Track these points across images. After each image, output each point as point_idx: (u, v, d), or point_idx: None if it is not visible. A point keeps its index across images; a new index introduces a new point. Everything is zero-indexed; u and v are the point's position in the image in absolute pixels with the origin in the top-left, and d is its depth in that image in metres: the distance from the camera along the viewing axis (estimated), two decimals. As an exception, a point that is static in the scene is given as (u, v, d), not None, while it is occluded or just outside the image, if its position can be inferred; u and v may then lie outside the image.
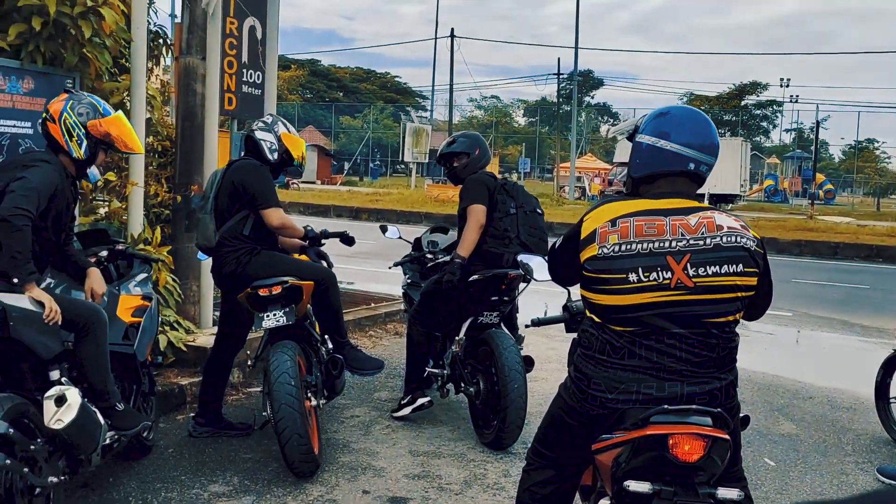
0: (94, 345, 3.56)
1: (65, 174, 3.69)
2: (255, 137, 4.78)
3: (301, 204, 25.00)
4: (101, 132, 3.75)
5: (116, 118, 3.82)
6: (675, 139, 2.65)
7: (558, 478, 2.90)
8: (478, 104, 71.40)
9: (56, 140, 3.70)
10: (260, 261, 4.56)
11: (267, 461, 4.58)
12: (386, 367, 6.37)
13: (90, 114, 3.74)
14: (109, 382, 3.69)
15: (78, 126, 3.69)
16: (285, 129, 4.87)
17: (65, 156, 3.72)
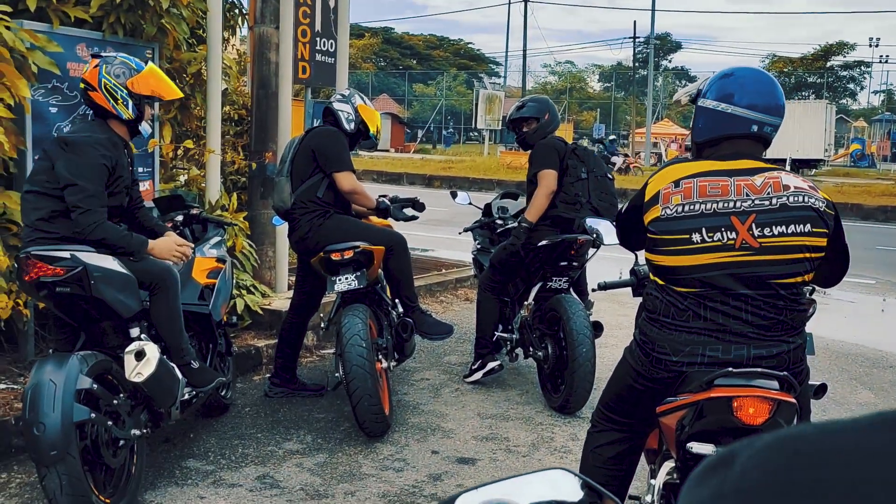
0: (165, 302, 3.67)
1: (117, 140, 3.71)
2: (334, 108, 4.88)
3: (374, 172, 25.20)
4: (142, 88, 3.75)
5: (150, 70, 3.82)
6: (739, 101, 2.61)
7: (624, 440, 2.92)
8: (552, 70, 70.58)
9: (102, 107, 3.69)
10: (332, 224, 4.65)
11: (339, 421, 4.71)
12: (456, 332, 6.44)
13: (126, 73, 3.72)
14: (183, 339, 3.81)
15: (119, 88, 3.68)
16: (362, 101, 4.96)
17: (114, 119, 3.73)
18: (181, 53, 5.55)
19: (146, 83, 3.76)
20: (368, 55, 60.72)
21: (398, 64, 65.31)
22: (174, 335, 3.75)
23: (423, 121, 53.29)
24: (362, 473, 4.05)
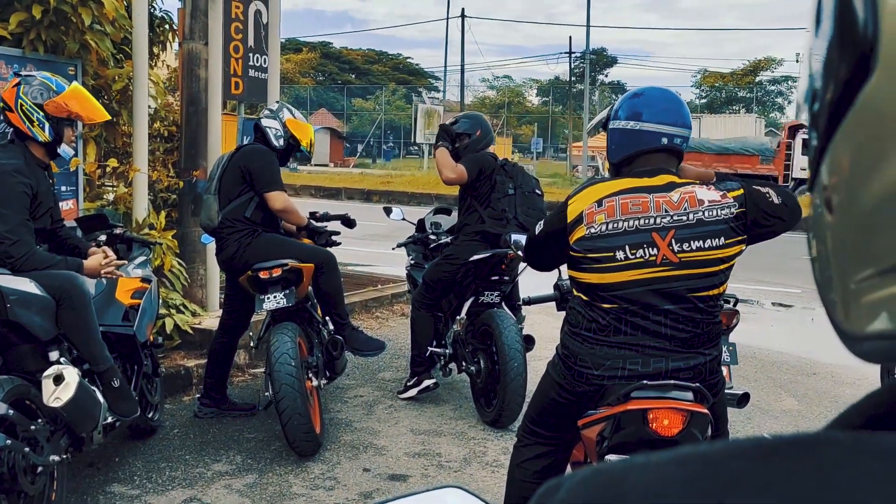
0: (72, 312, 3.55)
1: (36, 164, 3.64)
2: (262, 125, 4.84)
3: (313, 187, 25.07)
4: (60, 109, 3.66)
5: (73, 91, 3.74)
6: (648, 118, 2.68)
7: (549, 454, 2.95)
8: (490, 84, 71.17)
9: (19, 128, 3.62)
10: (260, 243, 4.62)
11: (270, 440, 4.66)
12: (391, 348, 6.44)
13: (44, 94, 3.64)
14: (97, 348, 3.68)
15: (35, 109, 3.60)
16: (291, 115, 4.89)
17: (32, 142, 3.65)
18: (106, 70, 5.47)
19: (63, 105, 3.67)
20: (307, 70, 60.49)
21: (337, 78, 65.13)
22: (85, 344, 3.62)
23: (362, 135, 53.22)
24: (292, 493, 4.02)
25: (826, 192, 0.45)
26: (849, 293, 0.43)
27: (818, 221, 0.47)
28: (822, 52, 0.44)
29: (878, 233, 0.40)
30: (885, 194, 0.39)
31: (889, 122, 0.38)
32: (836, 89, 0.42)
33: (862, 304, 0.42)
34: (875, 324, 0.41)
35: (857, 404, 0.46)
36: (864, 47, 0.38)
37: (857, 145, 0.41)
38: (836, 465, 0.33)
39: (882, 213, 0.39)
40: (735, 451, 0.36)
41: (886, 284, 0.40)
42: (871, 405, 0.46)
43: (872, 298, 0.41)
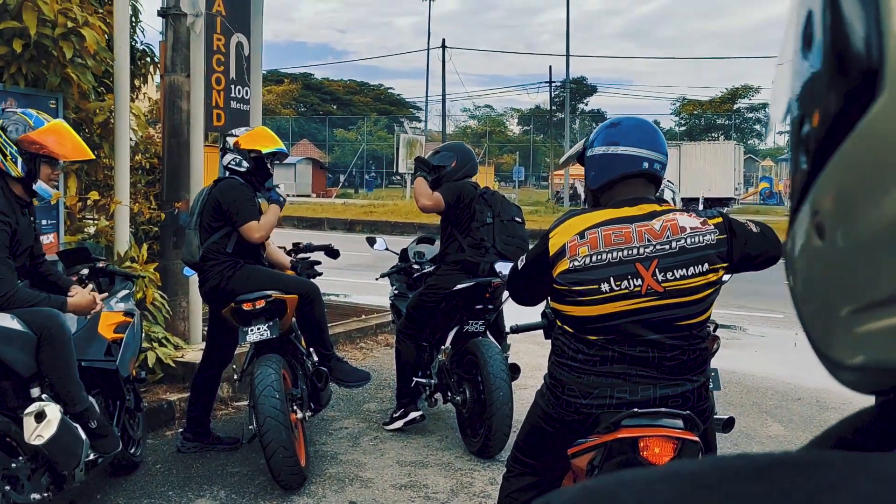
0: (51, 350, 3.49)
1: (14, 200, 3.60)
2: (225, 165, 4.81)
3: (295, 217, 25.02)
4: (34, 145, 3.60)
5: (53, 127, 3.69)
6: (625, 143, 2.69)
7: (538, 484, 2.92)
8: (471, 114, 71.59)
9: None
10: (243, 275, 4.59)
11: (254, 475, 4.60)
12: (376, 379, 6.40)
13: (20, 129, 3.59)
14: (74, 388, 3.61)
15: (8, 144, 3.56)
16: (238, 135, 4.82)
17: (10, 178, 3.61)
18: (87, 103, 5.46)
19: (37, 141, 3.61)
20: (288, 101, 60.61)
21: (318, 109, 65.33)
22: (63, 384, 3.54)
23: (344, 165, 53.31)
24: (278, 528, 3.96)
25: (817, 217, 0.44)
26: (838, 322, 0.43)
27: (805, 248, 0.46)
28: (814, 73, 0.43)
29: (877, 262, 0.39)
30: (889, 223, 0.38)
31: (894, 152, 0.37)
32: (834, 112, 0.41)
33: (854, 333, 0.41)
34: (866, 354, 0.41)
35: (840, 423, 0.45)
36: (868, 69, 0.37)
37: (858, 171, 0.40)
38: (833, 489, 0.32)
39: (883, 242, 0.38)
40: (727, 470, 0.35)
41: (883, 316, 0.39)
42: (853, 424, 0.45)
43: (866, 329, 0.40)
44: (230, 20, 7.31)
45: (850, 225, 0.41)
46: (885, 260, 0.38)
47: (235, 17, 7.35)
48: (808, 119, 0.44)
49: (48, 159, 3.68)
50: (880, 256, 0.39)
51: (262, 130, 4.94)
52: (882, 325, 0.39)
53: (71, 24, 4.89)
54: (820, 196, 0.44)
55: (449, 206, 5.08)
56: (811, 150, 0.44)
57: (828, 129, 0.41)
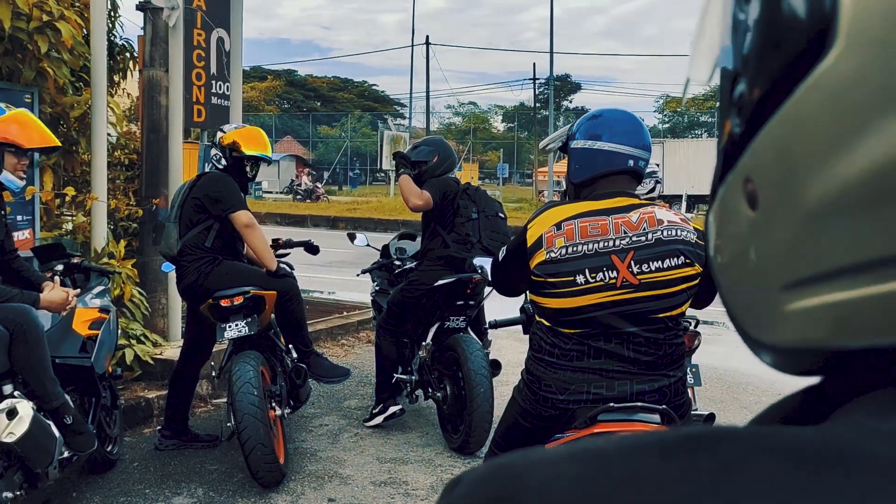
0: (24, 347, 3.45)
1: None
2: (209, 160, 4.78)
3: (278, 214, 24.93)
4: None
5: (14, 116, 3.61)
6: (609, 139, 2.67)
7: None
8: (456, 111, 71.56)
9: None
10: (221, 271, 4.55)
11: (233, 472, 4.57)
12: (357, 375, 6.38)
13: None
14: (48, 384, 3.56)
15: None
16: (223, 132, 4.80)
17: None
18: (63, 98, 5.40)
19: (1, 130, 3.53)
20: (272, 97, 60.39)
21: (302, 106, 65.14)
22: (36, 380, 3.49)
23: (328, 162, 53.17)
24: (256, 526, 3.93)
25: (749, 185, 0.41)
26: (766, 299, 0.40)
27: (732, 220, 0.43)
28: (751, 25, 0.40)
29: (820, 234, 0.36)
30: (836, 190, 0.35)
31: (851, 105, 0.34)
32: (777, 70, 0.38)
33: (782, 312, 0.39)
34: (794, 334, 0.38)
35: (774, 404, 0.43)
36: (821, 24, 0.35)
37: (803, 132, 0.37)
38: (733, 467, 0.31)
39: (830, 211, 0.36)
40: (632, 448, 0.34)
41: (817, 293, 0.37)
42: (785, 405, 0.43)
43: (796, 307, 0.38)
44: (210, 15, 7.25)
45: (789, 193, 0.38)
46: (829, 231, 0.36)
47: (216, 12, 7.30)
48: (742, 77, 0.41)
49: (13, 149, 3.59)
50: (824, 227, 0.36)
51: (254, 131, 4.85)
52: (814, 302, 0.37)
53: (46, 17, 4.83)
54: (754, 162, 0.40)
55: (435, 204, 5.06)
56: (745, 112, 0.41)
57: (770, 88, 0.38)
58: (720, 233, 0.46)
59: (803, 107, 0.36)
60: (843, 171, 0.34)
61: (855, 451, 0.30)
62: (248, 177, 4.80)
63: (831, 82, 0.35)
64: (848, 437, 0.32)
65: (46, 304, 3.62)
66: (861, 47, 0.33)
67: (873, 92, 0.33)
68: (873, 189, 0.33)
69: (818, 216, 0.36)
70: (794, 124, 0.37)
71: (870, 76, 0.33)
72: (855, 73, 0.33)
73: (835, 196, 0.35)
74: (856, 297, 0.35)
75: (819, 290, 0.36)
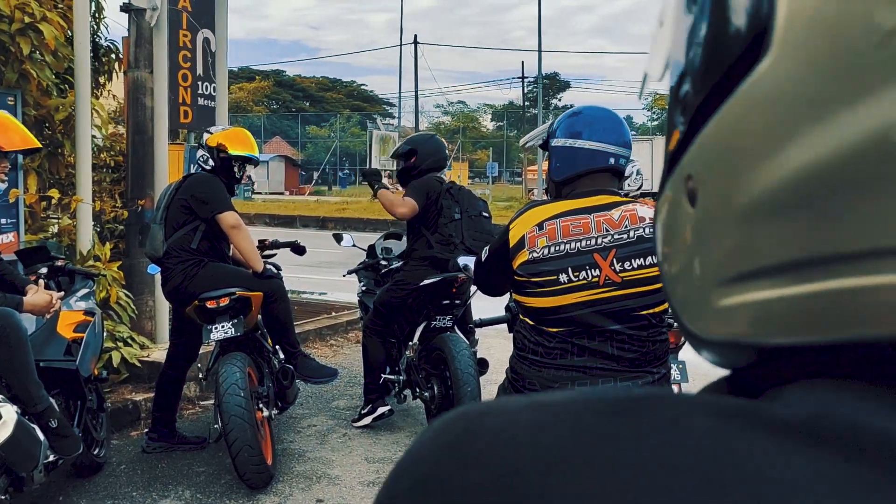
0: (7, 350, 3.43)
1: None
2: (196, 161, 4.78)
3: (267, 215, 24.89)
4: None
5: None
6: (590, 137, 2.66)
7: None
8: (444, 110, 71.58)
9: None
10: (207, 273, 4.54)
11: (220, 474, 4.56)
12: (345, 376, 6.38)
13: None
14: (33, 388, 3.53)
15: None
16: (210, 133, 4.81)
17: None
18: (48, 100, 5.38)
19: None
20: (260, 98, 60.30)
21: (291, 106, 65.04)
22: (19, 383, 3.46)
23: (317, 163, 53.12)
24: (243, 528, 3.93)
25: (690, 182, 0.41)
26: (703, 294, 0.41)
27: (675, 215, 0.44)
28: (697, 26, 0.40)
29: (750, 233, 0.37)
30: (764, 194, 0.36)
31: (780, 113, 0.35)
32: (716, 71, 0.38)
33: (717, 306, 0.40)
34: (727, 329, 0.39)
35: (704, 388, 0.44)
36: (757, 27, 0.35)
37: (738, 135, 0.37)
38: (670, 425, 0.32)
39: (759, 211, 0.36)
40: (587, 403, 0.35)
41: (747, 289, 0.37)
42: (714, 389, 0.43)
43: (728, 303, 0.39)
44: (196, 16, 7.23)
45: (725, 192, 0.38)
46: (757, 232, 0.37)
47: (201, 13, 7.28)
48: (688, 76, 0.42)
49: None
50: (754, 226, 0.37)
51: (240, 132, 4.87)
52: (745, 299, 0.37)
53: (28, 19, 4.81)
54: (694, 160, 0.41)
55: (420, 207, 5.04)
56: (689, 111, 0.42)
57: (710, 90, 0.39)
58: (664, 228, 0.47)
59: (738, 111, 0.37)
60: (770, 176, 0.35)
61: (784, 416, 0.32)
62: (236, 177, 4.80)
63: (764, 89, 0.35)
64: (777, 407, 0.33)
65: (30, 308, 3.60)
66: (793, 56, 0.34)
67: (802, 102, 0.33)
68: (797, 195, 0.34)
69: (747, 217, 0.37)
70: (729, 127, 0.38)
71: (800, 86, 0.33)
72: (786, 81, 0.34)
73: (762, 199, 0.36)
74: (778, 297, 0.35)
75: (746, 288, 0.37)
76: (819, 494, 0.27)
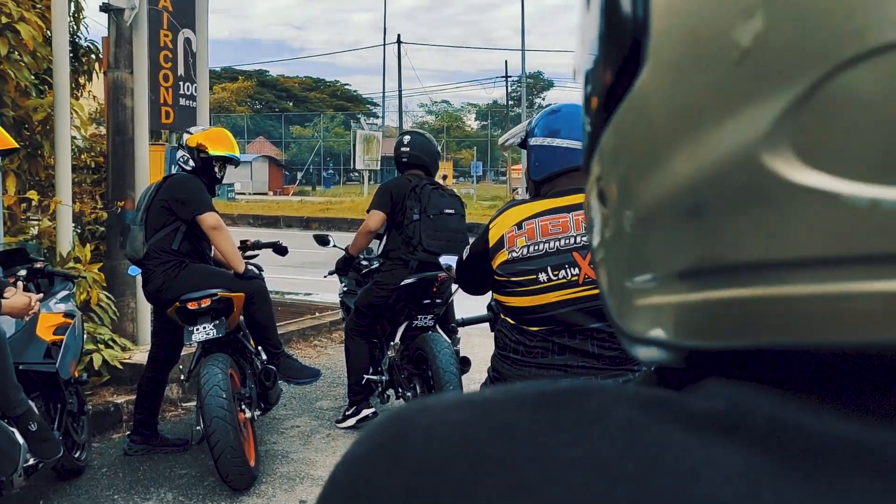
0: None
1: None
2: (175, 160, 4.77)
3: (251, 216, 24.80)
4: None
5: None
6: (568, 135, 2.66)
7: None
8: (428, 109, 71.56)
9: None
10: (188, 274, 4.52)
11: (203, 476, 4.54)
12: (329, 376, 6.37)
13: None
14: (11, 391, 3.48)
15: None
16: (190, 133, 4.79)
17: None
18: (26, 100, 5.34)
19: None
20: (243, 98, 60.08)
21: (274, 106, 64.81)
22: (2, 388, 3.40)
23: (301, 163, 52.96)
24: (226, 529, 3.91)
25: (600, 182, 0.42)
26: (623, 291, 0.41)
27: (594, 210, 0.44)
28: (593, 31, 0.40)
29: (647, 240, 0.37)
30: (653, 202, 0.36)
31: (660, 125, 0.34)
32: (609, 78, 0.38)
33: (635, 305, 0.40)
34: (645, 328, 0.39)
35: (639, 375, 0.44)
36: (635, 34, 0.35)
37: (627, 143, 0.37)
38: (595, 418, 0.32)
39: (651, 220, 0.37)
40: (514, 399, 0.35)
41: (656, 292, 0.37)
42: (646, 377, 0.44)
43: (643, 303, 0.39)
44: (177, 16, 7.20)
45: (622, 198, 0.39)
46: (652, 239, 0.37)
47: (182, 13, 7.25)
48: (589, 77, 0.42)
49: None
50: (649, 234, 0.37)
51: (220, 132, 4.85)
52: (654, 301, 0.38)
53: (6, 19, 4.78)
54: (598, 161, 0.41)
55: (387, 212, 5.06)
56: (591, 112, 0.42)
57: (605, 96, 0.39)
58: (588, 222, 0.47)
59: (626, 118, 0.37)
60: (656, 186, 0.35)
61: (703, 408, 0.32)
62: (216, 178, 4.78)
63: (644, 100, 0.35)
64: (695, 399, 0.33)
65: (8, 310, 3.57)
66: (666, 70, 0.34)
67: (677, 115, 0.33)
68: (681, 206, 0.34)
69: (644, 223, 0.37)
70: (619, 134, 0.38)
71: (674, 99, 0.33)
72: (662, 93, 0.34)
73: (652, 208, 0.36)
74: (680, 302, 0.36)
75: (655, 291, 0.37)
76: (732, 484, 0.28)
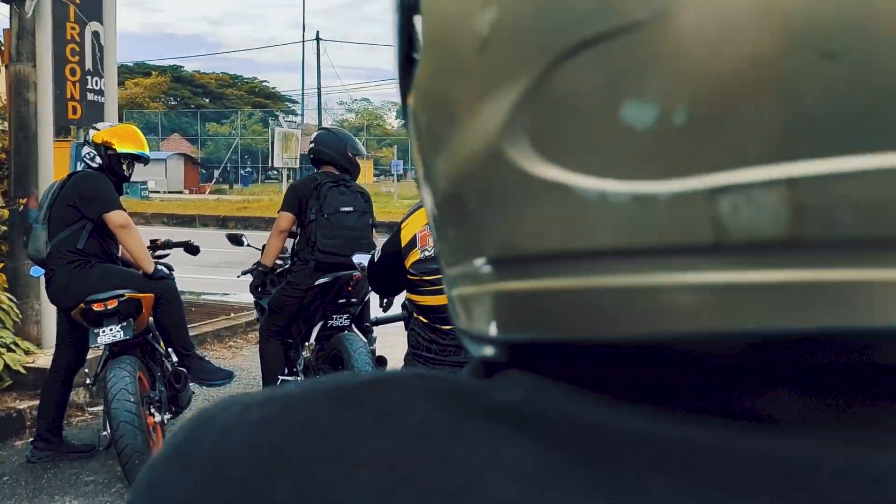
0: None
1: None
2: (82, 156, 4.63)
3: (165, 214, 24.25)
4: None
5: None
6: None
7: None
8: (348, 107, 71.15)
9: None
10: (94, 273, 4.39)
11: (111, 482, 4.42)
12: (244, 378, 6.28)
13: None
14: None
15: None
16: (96, 130, 4.67)
17: None
18: (-80, 94, 5.10)
19: None
20: (157, 94, 58.69)
21: (190, 103, 63.45)
22: None
23: (218, 160, 52.01)
24: (134, 537, 3.81)
25: (416, 172, 0.41)
26: (447, 281, 0.41)
27: None
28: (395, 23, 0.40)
29: (442, 231, 0.38)
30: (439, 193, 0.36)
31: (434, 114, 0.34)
32: (403, 73, 0.38)
33: (450, 295, 0.40)
34: (458, 319, 0.39)
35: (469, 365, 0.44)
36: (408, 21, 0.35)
37: (415, 132, 0.37)
38: (393, 412, 0.31)
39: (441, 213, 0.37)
40: (318, 394, 0.34)
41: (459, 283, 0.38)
42: None
43: (454, 293, 0.39)
44: (84, 8, 6.99)
45: (424, 191, 0.38)
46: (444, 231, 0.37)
47: (90, 5, 7.04)
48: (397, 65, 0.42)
49: None
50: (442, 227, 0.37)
51: (128, 129, 4.75)
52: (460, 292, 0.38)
53: None
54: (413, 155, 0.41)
55: (294, 212, 5.00)
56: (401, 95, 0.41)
57: (403, 81, 0.39)
58: None
59: (413, 108, 0.37)
60: (439, 177, 0.35)
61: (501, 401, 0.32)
62: (124, 176, 4.67)
63: (420, 89, 0.35)
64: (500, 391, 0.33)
65: None
66: (431, 58, 0.33)
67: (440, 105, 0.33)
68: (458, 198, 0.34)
69: (436, 216, 0.37)
70: (411, 124, 0.38)
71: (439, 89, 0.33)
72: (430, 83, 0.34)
73: (439, 199, 0.36)
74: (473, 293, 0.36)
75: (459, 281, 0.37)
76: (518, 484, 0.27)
